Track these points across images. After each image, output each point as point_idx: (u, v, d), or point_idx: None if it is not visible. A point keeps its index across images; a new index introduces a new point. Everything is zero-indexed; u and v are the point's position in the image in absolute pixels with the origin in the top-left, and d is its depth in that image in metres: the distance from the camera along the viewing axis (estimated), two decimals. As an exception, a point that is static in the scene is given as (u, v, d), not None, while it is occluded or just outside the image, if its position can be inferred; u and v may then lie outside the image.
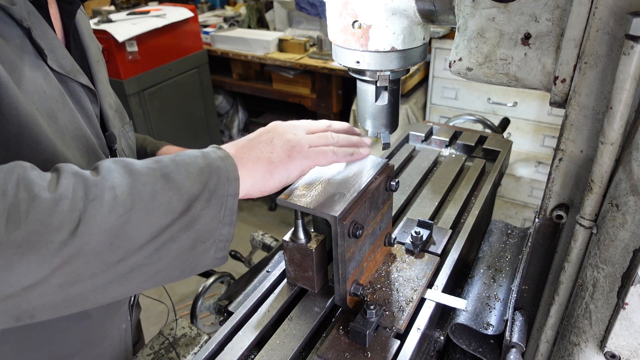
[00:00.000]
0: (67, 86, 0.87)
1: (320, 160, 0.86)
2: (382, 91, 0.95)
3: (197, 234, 0.69)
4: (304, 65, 3.27)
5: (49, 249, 0.57)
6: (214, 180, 0.70)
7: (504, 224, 1.33)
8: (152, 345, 1.13)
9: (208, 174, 0.70)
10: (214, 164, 0.72)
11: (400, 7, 0.79)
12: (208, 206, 0.70)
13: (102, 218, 0.60)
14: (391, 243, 1.08)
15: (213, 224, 0.71)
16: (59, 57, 0.84)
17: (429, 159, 1.51)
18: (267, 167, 0.80)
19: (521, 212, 3.31)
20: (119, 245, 0.62)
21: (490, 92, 3.03)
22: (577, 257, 0.75)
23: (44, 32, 0.82)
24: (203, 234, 0.70)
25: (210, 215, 0.70)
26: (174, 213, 0.66)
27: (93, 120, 0.93)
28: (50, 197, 0.57)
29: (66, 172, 0.61)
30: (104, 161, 0.66)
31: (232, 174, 0.73)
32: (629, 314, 0.68)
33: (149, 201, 0.64)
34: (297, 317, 0.95)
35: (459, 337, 1.03)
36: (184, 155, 0.72)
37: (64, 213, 0.58)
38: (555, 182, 0.76)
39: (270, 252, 1.62)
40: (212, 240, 0.72)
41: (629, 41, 0.55)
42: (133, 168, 0.66)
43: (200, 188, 0.68)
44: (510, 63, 0.73)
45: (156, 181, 0.65)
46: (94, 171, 0.64)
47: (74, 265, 0.59)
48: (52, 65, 0.83)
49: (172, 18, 3.16)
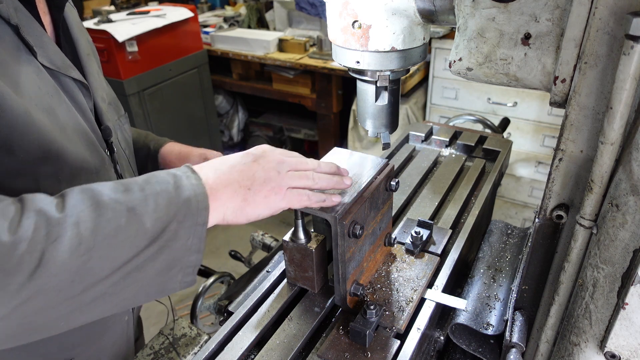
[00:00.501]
0: (60, 81, 0.86)
1: (294, 203, 0.83)
2: (382, 91, 0.95)
3: (163, 263, 0.69)
4: (304, 65, 3.27)
5: (7, 292, 0.56)
6: (183, 211, 0.69)
7: (504, 224, 1.33)
8: (152, 345, 1.13)
9: (177, 205, 0.69)
10: (185, 194, 0.70)
11: (400, 7, 0.79)
12: (175, 237, 0.69)
13: (63, 259, 0.59)
14: (391, 243, 1.08)
15: (180, 253, 0.70)
16: (50, 52, 0.84)
17: (429, 159, 1.51)
18: (241, 204, 0.77)
19: (521, 212, 3.31)
20: (80, 281, 0.61)
21: (490, 92, 3.03)
22: (577, 257, 0.75)
23: (33, 29, 0.82)
24: (170, 262, 0.69)
25: (177, 245, 0.69)
26: (139, 247, 0.65)
27: (88, 115, 0.92)
28: (9, 240, 0.56)
29: (29, 209, 0.60)
30: (72, 192, 0.65)
31: (203, 204, 0.71)
32: (629, 314, 0.68)
33: (112, 237, 0.63)
34: (297, 317, 0.95)
35: (459, 337, 1.03)
36: (156, 182, 0.70)
37: (22, 256, 0.57)
38: (555, 182, 0.76)
39: (270, 252, 1.61)
40: (179, 267, 0.71)
41: (629, 41, 0.55)
42: (100, 200, 0.64)
43: (167, 220, 0.67)
44: (510, 63, 0.73)
45: (121, 216, 0.64)
46: (59, 203, 0.63)
47: (35, 302, 0.59)
48: (43, 61, 0.82)
49: (172, 18, 3.16)
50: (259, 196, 0.79)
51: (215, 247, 3.69)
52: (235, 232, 3.82)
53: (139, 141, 1.29)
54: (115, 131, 1.04)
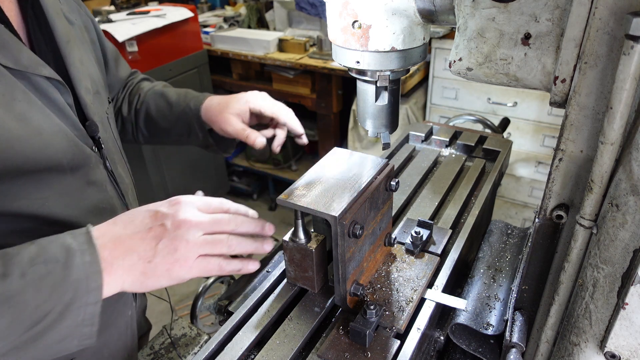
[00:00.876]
0: (30, 82, 0.79)
1: (203, 273, 0.77)
2: (382, 91, 0.95)
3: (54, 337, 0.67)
4: (304, 65, 3.27)
5: None
6: (69, 294, 0.66)
7: (504, 224, 1.33)
8: (152, 345, 1.13)
9: (64, 288, 0.65)
10: (74, 275, 0.66)
11: (400, 7, 0.79)
12: (62, 318, 0.66)
13: None
14: (391, 243, 1.08)
15: (70, 329, 0.68)
16: (13, 51, 0.76)
17: (429, 159, 1.51)
18: (139, 277, 0.73)
19: (521, 212, 3.31)
20: None
21: (490, 92, 3.03)
22: (577, 257, 0.75)
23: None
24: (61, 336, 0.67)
25: (65, 324, 0.67)
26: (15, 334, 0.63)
27: (67, 112, 0.86)
28: None
29: None
30: None
31: (95, 284, 0.68)
32: (629, 314, 0.68)
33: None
34: (297, 317, 0.95)
35: (459, 337, 1.03)
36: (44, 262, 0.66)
37: None
38: (555, 182, 0.76)
39: (270, 252, 1.61)
40: (71, 338, 0.69)
41: (629, 41, 0.55)
42: None
43: (50, 305, 0.65)
44: (510, 63, 0.73)
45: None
46: None
47: None
48: (6, 63, 0.75)
49: (172, 18, 3.16)
50: (160, 269, 0.73)
51: (215, 247, 3.68)
52: (235, 232, 3.81)
53: (179, 103, 1.25)
54: (103, 123, 0.98)
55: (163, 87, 1.33)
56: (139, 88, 1.34)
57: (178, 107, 1.24)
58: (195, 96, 1.25)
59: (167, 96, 1.28)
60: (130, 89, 1.36)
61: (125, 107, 1.32)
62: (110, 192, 0.99)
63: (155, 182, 3.34)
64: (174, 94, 1.28)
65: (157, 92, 1.30)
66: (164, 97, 1.28)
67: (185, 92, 1.28)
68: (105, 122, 1.01)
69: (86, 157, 0.89)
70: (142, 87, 1.34)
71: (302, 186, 0.91)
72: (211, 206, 0.81)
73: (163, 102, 1.28)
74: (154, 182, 3.32)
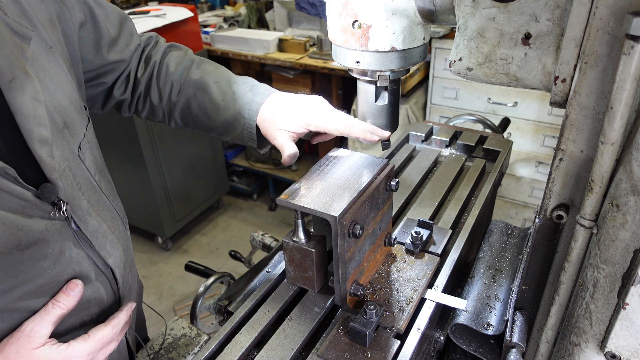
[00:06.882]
0: None
1: None
2: (382, 91, 0.95)
3: None
4: (304, 65, 3.27)
5: None
6: None
7: (504, 224, 1.33)
8: (152, 345, 1.13)
9: None
10: None
11: (400, 7, 0.79)
12: None
13: None
14: (391, 243, 1.08)
15: None
16: None
17: (429, 159, 1.51)
18: None
19: (521, 212, 3.31)
20: None
21: (490, 92, 3.03)
22: (577, 257, 0.75)
23: None
24: None
25: None
26: None
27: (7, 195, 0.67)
28: None
29: None
30: None
31: None
32: (630, 314, 0.68)
33: None
34: (297, 317, 0.95)
35: (459, 337, 1.03)
36: None
37: None
38: (555, 182, 0.76)
39: (270, 252, 1.61)
40: None
41: (629, 41, 0.55)
42: None
43: None
44: (511, 63, 0.73)
45: None
46: None
47: None
48: None
49: (172, 18, 3.16)
50: None
51: (215, 247, 3.69)
52: (235, 233, 3.82)
53: (228, 107, 1.08)
54: (72, 166, 0.80)
55: (202, 76, 1.11)
56: (167, 69, 1.12)
57: (227, 112, 1.09)
58: (247, 103, 1.08)
59: (212, 95, 1.10)
60: (155, 68, 1.12)
61: (155, 95, 1.13)
62: (77, 256, 0.82)
63: (155, 182, 3.34)
64: (218, 93, 1.09)
65: (198, 85, 1.11)
66: (207, 94, 1.10)
67: (232, 92, 1.09)
68: (76, 160, 0.82)
69: (39, 234, 0.73)
70: (171, 68, 1.12)
71: (302, 186, 0.91)
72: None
73: (207, 101, 1.10)
74: (154, 182, 3.32)
